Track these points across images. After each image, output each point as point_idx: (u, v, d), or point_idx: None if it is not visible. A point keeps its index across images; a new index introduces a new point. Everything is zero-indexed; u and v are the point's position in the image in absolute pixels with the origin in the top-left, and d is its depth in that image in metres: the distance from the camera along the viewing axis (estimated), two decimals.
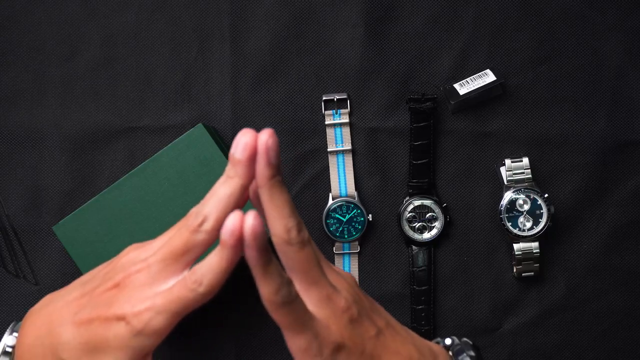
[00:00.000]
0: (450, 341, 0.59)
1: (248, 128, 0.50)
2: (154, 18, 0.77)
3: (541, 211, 0.74)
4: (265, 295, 0.49)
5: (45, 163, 0.76)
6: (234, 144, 0.50)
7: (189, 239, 0.51)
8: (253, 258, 0.48)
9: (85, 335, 0.52)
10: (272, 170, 0.49)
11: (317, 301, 0.52)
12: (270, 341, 0.75)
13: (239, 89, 0.77)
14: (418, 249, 0.76)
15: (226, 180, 0.50)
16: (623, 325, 0.76)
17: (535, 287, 0.76)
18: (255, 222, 0.47)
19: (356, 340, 0.52)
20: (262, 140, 0.49)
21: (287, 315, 0.50)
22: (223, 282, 0.50)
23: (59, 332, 0.53)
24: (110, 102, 0.76)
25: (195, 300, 0.50)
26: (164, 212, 0.70)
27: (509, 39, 0.76)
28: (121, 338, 0.51)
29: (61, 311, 0.54)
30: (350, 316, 0.52)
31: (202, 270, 0.50)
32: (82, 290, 0.55)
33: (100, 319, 0.52)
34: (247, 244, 0.47)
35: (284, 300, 0.49)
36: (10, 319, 0.75)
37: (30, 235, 0.76)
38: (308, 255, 0.51)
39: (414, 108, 0.75)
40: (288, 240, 0.50)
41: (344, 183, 0.76)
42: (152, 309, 0.50)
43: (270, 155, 0.49)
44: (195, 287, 0.50)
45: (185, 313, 0.51)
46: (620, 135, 0.76)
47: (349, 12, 0.76)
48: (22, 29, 0.77)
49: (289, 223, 0.50)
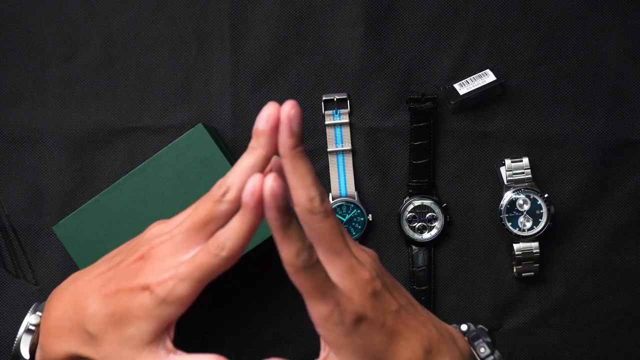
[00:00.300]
0: (466, 327, 0.60)
1: (272, 101, 0.50)
2: (154, 18, 0.77)
3: (541, 211, 0.74)
4: (286, 258, 0.49)
5: (45, 163, 0.76)
6: (258, 118, 0.50)
7: (212, 209, 0.51)
8: (273, 219, 0.48)
9: (112, 306, 0.53)
10: (294, 140, 0.50)
11: (341, 271, 0.52)
12: (270, 341, 0.75)
13: (239, 89, 0.77)
14: (418, 249, 0.76)
15: (250, 152, 0.51)
16: (623, 325, 0.76)
17: (535, 287, 0.76)
18: (275, 184, 0.47)
19: (378, 313, 0.52)
20: (285, 111, 0.50)
21: (308, 280, 0.49)
22: (244, 247, 0.51)
23: (85, 305, 0.54)
24: (110, 102, 0.76)
25: (218, 265, 0.51)
26: (164, 212, 0.70)
27: (509, 39, 0.76)
28: (146, 307, 0.52)
29: (87, 285, 0.55)
30: (373, 288, 0.52)
31: (224, 235, 0.50)
32: (108, 264, 0.56)
33: (126, 290, 0.52)
34: (267, 205, 0.48)
35: (304, 264, 0.49)
36: (10, 319, 0.75)
37: (30, 235, 0.76)
38: (331, 225, 0.51)
39: (414, 108, 0.75)
40: (311, 209, 0.50)
41: (343, 183, 0.76)
42: (176, 277, 0.51)
43: (293, 124, 0.50)
44: (218, 252, 0.50)
45: (208, 280, 0.51)
46: (620, 135, 0.76)
47: (349, 12, 0.76)
48: (22, 29, 0.77)
49: (311, 192, 0.50)
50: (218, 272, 0.51)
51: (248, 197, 0.49)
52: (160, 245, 0.53)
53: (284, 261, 0.49)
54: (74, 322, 0.54)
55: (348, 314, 0.51)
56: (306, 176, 0.50)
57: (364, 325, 0.51)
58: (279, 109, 0.50)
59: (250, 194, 0.48)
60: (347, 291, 0.51)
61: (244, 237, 0.50)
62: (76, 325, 0.54)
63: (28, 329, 0.59)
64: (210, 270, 0.51)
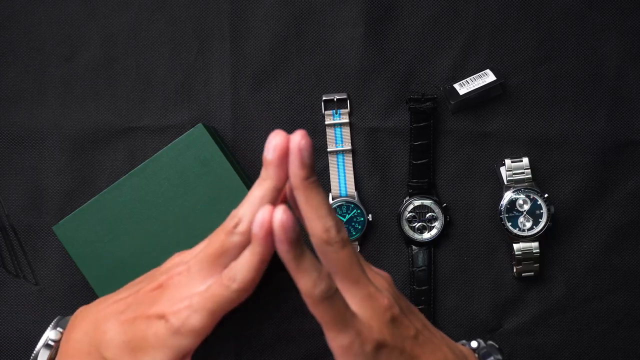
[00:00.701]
0: (477, 344, 0.60)
1: (279, 129, 0.50)
2: (154, 18, 0.77)
3: (541, 211, 0.74)
4: (304, 290, 0.49)
5: (45, 163, 0.76)
6: (265, 146, 0.50)
7: (224, 241, 0.51)
8: (284, 251, 0.48)
9: (129, 333, 0.53)
10: (306, 171, 0.49)
11: (360, 300, 0.52)
12: (270, 342, 0.75)
13: (239, 89, 0.77)
14: (418, 249, 0.76)
15: (260, 183, 0.51)
16: (623, 325, 0.76)
17: (535, 287, 0.76)
18: (284, 216, 0.47)
19: (397, 339, 0.52)
20: (294, 142, 0.49)
21: (328, 311, 0.49)
22: (257, 279, 0.50)
23: (104, 329, 0.54)
24: (110, 102, 0.76)
25: (230, 298, 0.50)
26: (164, 212, 0.70)
27: (509, 39, 0.76)
28: (161, 337, 0.51)
29: (109, 309, 0.55)
30: (392, 315, 0.52)
31: (236, 267, 0.50)
32: (130, 291, 0.56)
33: (143, 317, 0.52)
34: (277, 237, 0.48)
35: (324, 295, 0.49)
36: (11, 318, 0.75)
37: (30, 235, 0.76)
38: (349, 255, 0.51)
39: (414, 108, 0.75)
40: (327, 240, 0.50)
41: (343, 183, 0.76)
42: (190, 307, 0.51)
43: (304, 156, 0.49)
44: (230, 284, 0.50)
45: (222, 312, 0.51)
46: (620, 135, 0.76)
47: (349, 12, 0.76)
48: (22, 29, 0.77)
49: (327, 223, 0.50)
50: (232, 305, 0.51)
51: (257, 229, 0.48)
52: (178, 276, 0.53)
53: (302, 293, 0.49)
54: (92, 346, 0.54)
55: (369, 342, 0.50)
56: (321, 207, 0.50)
57: (384, 353, 0.51)
58: (286, 138, 0.50)
59: (259, 226, 0.48)
60: (367, 319, 0.51)
61: (255, 269, 0.50)
62: (94, 349, 0.54)
63: (47, 344, 0.59)
64: (224, 302, 0.51)
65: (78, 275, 0.75)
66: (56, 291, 0.76)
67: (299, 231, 0.48)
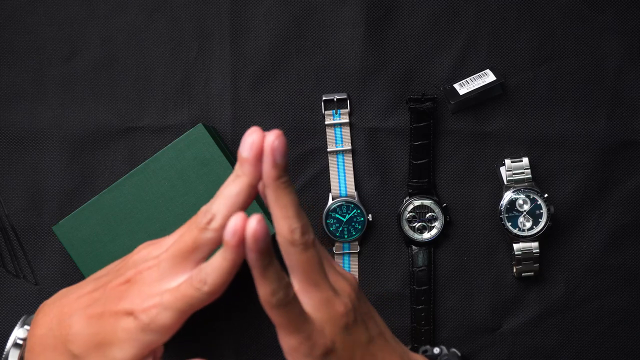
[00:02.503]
0: (439, 350, 0.60)
1: (256, 127, 0.50)
2: (153, 18, 0.77)
3: (541, 211, 0.74)
4: (262, 296, 0.50)
5: (45, 163, 0.76)
6: (241, 143, 0.50)
7: (197, 237, 0.51)
8: (253, 260, 0.49)
9: (95, 328, 0.53)
10: (278, 172, 0.50)
11: (317, 303, 0.52)
12: (270, 345, 0.75)
13: (239, 89, 0.77)
14: (418, 249, 0.76)
15: (234, 179, 0.51)
16: (623, 325, 0.76)
17: (535, 287, 0.76)
18: (257, 227, 0.47)
19: (347, 346, 0.53)
20: (268, 141, 0.50)
21: (282, 316, 0.50)
22: (227, 282, 0.51)
23: (69, 323, 0.54)
24: (110, 102, 0.76)
25: (200, 299, 0.51)
26: (164, 212, 0.70)
27: (509, 39, 0.76)
28: (129, 332, 0.52)
29: (73, 304, 0.55)
30: (345, 323, 0.53)
31: (206, 270, 0.50)
32: (95, 284, 0.56)
33: (110, 313, 0.52)
34: (248, 246, 0.48)
35: (279, 302, 0.50)
36: (11, 318, 0.75)
37: (30, 235, 0.76)
38: (310, 258, 0.51)
39: (414, 108, 0.75)
40: (291, 241, 0.51)
41: (343, 183, 0.76)
42: (160, 305, 0.51)
43: (277, 156, 0.50)
44: (200, 287, 0.50)
45: (192, 311, 0.51)
46: (620, 135, 0.76)
47: (349, 12, 0.76)
48: (22, 29, 0.77)
49: (293, 224, 0.50)
50: (202, 304, 0.51)
51: (229, 237, 0.49)
52: (148, 271, 0.53)
53: (259, 297, 0.50)
54: (58, 340, 0.54)
55: (318, 347, 0.51)
56: (289, 207, 0.50)
57: (333, 358, 0.52)
58: (262, 136, 0.50)
59: (231, 234, 0.48)
60: (321, 323, 0.52)
61: (225, 273, 0.50)
62: (60, 344, 0.54)
63: (15, 344, 0.59)
64: (193, 302, 0.51)
65: (78, 275, 0.75)
66: (56, 291, 0.75)
67: (269, 242, 0.49)
